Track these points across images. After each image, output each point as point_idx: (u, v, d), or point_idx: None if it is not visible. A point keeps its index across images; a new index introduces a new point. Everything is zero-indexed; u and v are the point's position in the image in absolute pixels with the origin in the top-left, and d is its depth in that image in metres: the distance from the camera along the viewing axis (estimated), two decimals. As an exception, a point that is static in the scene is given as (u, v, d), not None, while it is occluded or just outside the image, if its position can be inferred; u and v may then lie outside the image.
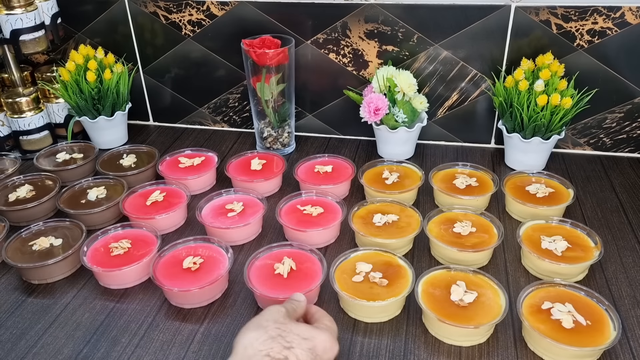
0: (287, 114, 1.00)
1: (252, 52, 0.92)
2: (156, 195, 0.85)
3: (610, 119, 0.96)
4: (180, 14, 1.03)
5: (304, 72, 1.03)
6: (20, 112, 1.01)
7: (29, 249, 0.75)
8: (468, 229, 0.74)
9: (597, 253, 0.70)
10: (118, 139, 1.07)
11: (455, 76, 0.98)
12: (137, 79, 1.12)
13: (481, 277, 0.66)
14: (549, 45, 0.92)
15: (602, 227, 0.80)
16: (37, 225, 0.79)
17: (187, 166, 0.94)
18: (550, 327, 0.59)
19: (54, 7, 1.03)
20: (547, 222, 0.76)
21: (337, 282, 0.66)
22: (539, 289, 0.64)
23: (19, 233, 0.78)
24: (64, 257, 0.72)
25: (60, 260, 0.72)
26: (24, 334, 0.65)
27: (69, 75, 0.99)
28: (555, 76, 0.88)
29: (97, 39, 1.10)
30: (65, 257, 0.72)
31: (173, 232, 0.82)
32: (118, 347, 0.63)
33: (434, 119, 1.03)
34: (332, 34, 0.99)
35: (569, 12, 0.89)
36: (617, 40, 0.89)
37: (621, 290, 0.69)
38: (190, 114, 1.14)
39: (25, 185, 0.89)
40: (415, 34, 0.96)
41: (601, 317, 0.61)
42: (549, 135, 0.90)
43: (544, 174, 0.87)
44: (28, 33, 0.97)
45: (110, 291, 0.71)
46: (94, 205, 0.83)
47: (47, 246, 0.75)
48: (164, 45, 1.07)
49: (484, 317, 0.61)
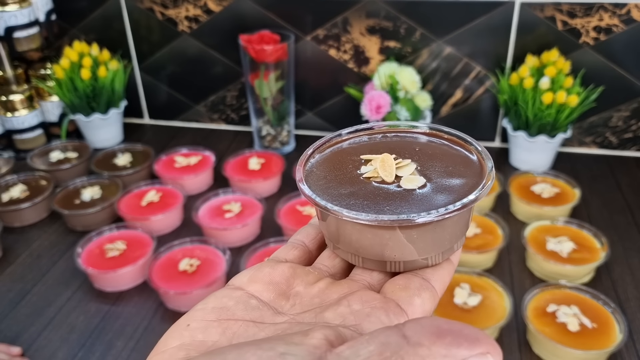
0: (286, 111, 0.99)
1: (251, 48, 0.90)
2: (152, 196, 0.83)
3: (616, 118, 0.95)
4: (176, 9, 1.01)
5: (303, 68, 1.01)
6: (14, 111, 0.99)
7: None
8: (472, 230, 0.73)
9: (604, 254, 0.69)
10: (113, 138, 1.05)
11: (459, 73, 0.97)
12: (133, 76, 1.10)
13: (485, 280, 0.65)
14: (554, 42, 0.90)
15: (609, 227, 0.79)
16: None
17: (184, 165, 0.92)
18: (555, 330, 0.58)
19: (49, 4, 1.01)
20: (552, 222, 0.75)
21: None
22: (544, 291, 0.64)
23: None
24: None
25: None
26: (18, 337, 0.64)
27: (64, 72, 0.97)
28: (561, 73, 0.87)
29: (91, 36, 1.08)
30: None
31: (169, 234, 0.81)
32: (113, 350, 0.61)
33: (438, 117, 1.01)
34: (332, 30, 0.97)
35: (575, 9, 0.87)
36: (623, 37, 0.88)
37: (627, 293, 0.68)
38: (186, 111, 1.13)
39: (19, 185, 0.88)
40: (417, 30, 0.94)
41: (607, 319, 0.60)
42: (554, 133, 0.88)
43: (549, 174, 0.86)
44: (22, 30, 0.96)
45: (105, 294, 0.70)
46: (88, 206, 0.82)
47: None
48: (160, 42, 1.06)
49: (488, 320, 0.60)
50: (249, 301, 0.23)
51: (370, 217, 0.22)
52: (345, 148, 0.28)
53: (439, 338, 0.17)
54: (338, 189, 0.25)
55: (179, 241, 0.73)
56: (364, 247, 0.24)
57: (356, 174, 0.26)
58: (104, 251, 0.72)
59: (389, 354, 0.17)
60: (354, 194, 0.24)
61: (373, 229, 0.23)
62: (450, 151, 0.27)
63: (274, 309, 0.23)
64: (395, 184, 0.25)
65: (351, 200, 0.24)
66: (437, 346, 0.17)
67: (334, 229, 0.25)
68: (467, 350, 0.17)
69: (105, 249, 0.73)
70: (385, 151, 0.26)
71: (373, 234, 0.23)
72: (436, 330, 0.17)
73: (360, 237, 0.24)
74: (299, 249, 0.27)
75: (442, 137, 0.28)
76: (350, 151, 0.27)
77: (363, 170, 0.26)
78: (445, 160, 0.26)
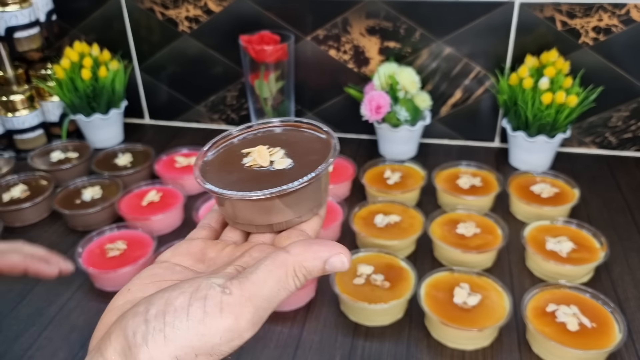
0: (286, 112, 0.99)
1: (251, 49, 0.90)
2: (152, 196, 0.84)
3: (616, 118, 0.95)
4: (177, 9, 1.02)
5: (303, 69, 1.01)
6: (15, 111, 1.00)
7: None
8: (472, 230, 0.73)
9: (603, 254, 0.69)
10: (113, 138, 1.05)
11: (458, 73, 0.97)
12: (133, 77, 1.11)
13: (485, 279, 0.65)
14: (554, 42, 0.90)
15: (608, 227, 0.79)
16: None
17: (184, 165, 0.92)
18: (555, 329, 0.59)
19: (49, 4, 1.01)
20: (552, 222, 0.75)
21: (338, 285, 0.65)
22: (543, 291, 0.64)
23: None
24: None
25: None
26: (19, 336, 0.64)
27: (64, 72, 0.97)
28: (560, 74, 0.87)
29: (92, 36, 1.08)
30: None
31: (170, 233, 0.81)
32: (113, 351, 0.61)
33: (437, 117, 1.02)
34: (332, 30, 0.97)
35: (574, 9, 0.88)
36: (623, 37, 0.88)
37: (627, 292, 0.68)
38: (187, 112, 1.13)
39: (20, 185, 0.88)
40: (417, 30, 0.94)
41: (607, 319, 0.60)
42: (554, 133, 0.88)
43: (549, 174, 0.86)
44: (22, 30, 0.96)
45: (106, 294, 0.70)
46: (88, 206, 0.82)
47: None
48: (160, 42, 1.06)
49: (488, 320, 0.60)
50: (174, 268, 0.30)
51: (256, 194, 0.30)
52: (231, 146, 0.36)
53: (309, 247, 0.28)
54: (229, 178, 0.32)
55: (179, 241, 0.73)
56: (255, 217, 0.32)
57: (241, 164, 0.33)
58: (104, 251, 0.73)
59: (278, 263, 0.27)
60: (242, 179, 0.32)
61: (259, 202, 0.31)
62: (308, 136, 0.35)
63: (194, 271, 0.30)
64: (270, 167, 0.32)
65: (240, 184, 0.31)
66: (308, 252, 0.27)
67: (230, 209, 0.32)
68: (327, 252, 0.28)
69: (105, 248, 0.73)
70: (259, 144, 0.34)
71: (259, 206, 0.31)
72: (307, 244, 0.28)
73: (252, 211, 0.31)
74: (206, 229, 0.34)
75: (301, 127, 0.36)
76: (235, 148, 0.35)
77: (245, 160, 0.33)
78: (304, 144, 0.34)
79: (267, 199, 0.30)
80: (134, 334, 0.25)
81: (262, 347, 0.61)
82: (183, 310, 0.25)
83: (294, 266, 0.27)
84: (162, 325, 0.25)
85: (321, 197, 0.33)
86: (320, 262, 0.28)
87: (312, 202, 0.32)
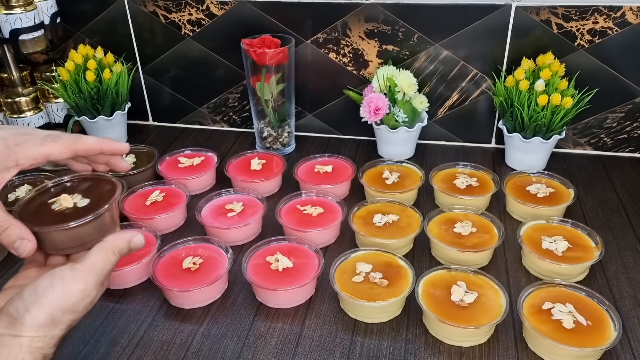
0: (287, 113, 1.00)
1: (252, 52, 0.92)
2: (156, 195, 0.85)
3: (611, 119, 0.96)
4: (179, 13, 1.03)
5: (303, 71, 1.02)
6: (20, 112, 1.01)
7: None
8: (469, 229, 0.74)
9: (598, 253, 0.70)
10: (117, 139, 1.04)
11: (455, 76, 0.98)
12: (137, 79, 1.12)
13: (482, 278, 0.66)
14: (550, 44, 0.91)
15: (603, 227, 0.80)
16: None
17: (187, 166, 0.93)
18: (550, 327, 0.59)
19: (54, 7, 1.02)
20: (547, 222, 0.76)
21: (337, 283, 0.66)
22: (539, 289, 0.64)
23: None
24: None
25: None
26: (23, 334, 0.65)
27: (68, 74, 0.99)
28: (555, 76, 0.88)
29: (96, 39, 1.09)
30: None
31: (172, 232, 0.82)
32: (117, 347, 0.62)
33: (435, 118, 1.03)
34: (332, 34, 0.99)
35: (570, 12, 0.89)
36: (618, 40, 0.89)
37: (622, 291, 0.69)
38: (189, 113, 1.14)
39: (25, 186, 0.89)
40: (415, 34, 0.96)
41: (602, 317, 0.60)
42: (549, 135, 0.89)
43: (544, 174, 0.87)
44: (27, 33, 0.97)
45: (110, 291, 0.71)
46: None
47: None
48: (163, 45, 1.07)
49: (485, 317, 0.60)
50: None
51: (61, 227, 0.45)
52: (42, 195, 0.50)
53: (118, 234, 0.47)
54: (44, 219, 0.46)
55: (182, 240, 0.74)
56: (62, 244, 0.46)
57: (52, 207, 0.48)
58: (108, 250, 0.74)
59: (102, 247, 0.45)
60: (52, 219, 0.46)
61: (66, 231, 0.45)
62: (97, 182, 0.51)
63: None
64: (74, 207, 0.47)
65: (50, 221, 0.46)
66: (118, 237, 0.46)
67: (46, 241, 0.46)
68: (129, 235, 0.47)
69: (110, 247, 0.74)
70: (64, 193, 0.49)
71: (66, 235, 0.46)
72: (117, 233, 0.47)
73: (62, 240, 0.46)
74: (33, 263, 0.48)
75: (87, 177, 0.52)
76: (46, 197, 0.49)
77: (55, 205, 0.48)
78: (95, 189, 0.50)
79: (68, 230, 0.45)
80: (16, 310, 0.39)
81: (263, 343, 0.62)
82: (48, 285, 0.40)
83: (112, 247, 0.45)
84: (35, 297, 0.40)
85: (107, 228, 0.48)
86: (126, 242, 0.46)
87: (97, 233, 0.47)
